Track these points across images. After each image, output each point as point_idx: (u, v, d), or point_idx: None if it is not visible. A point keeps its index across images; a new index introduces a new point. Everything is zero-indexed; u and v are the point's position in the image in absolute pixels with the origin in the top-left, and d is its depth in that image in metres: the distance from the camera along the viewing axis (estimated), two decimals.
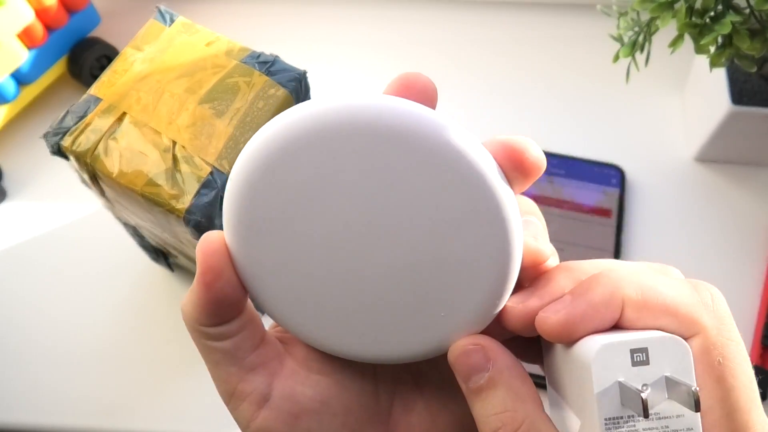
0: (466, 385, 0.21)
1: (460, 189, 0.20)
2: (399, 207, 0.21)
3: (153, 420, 0.44)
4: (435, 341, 0.23)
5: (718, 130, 0.48)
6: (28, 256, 0.50)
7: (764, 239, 0.49)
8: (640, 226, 0.50)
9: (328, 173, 0.21)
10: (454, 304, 0.22)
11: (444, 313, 0.22)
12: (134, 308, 0.48)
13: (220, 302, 0.22)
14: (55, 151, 0.34)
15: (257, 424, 0.23)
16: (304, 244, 0.22)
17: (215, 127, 0.34)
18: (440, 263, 0.22)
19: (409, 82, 0.22)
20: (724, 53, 0.38)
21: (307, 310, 0.23)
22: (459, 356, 0.22)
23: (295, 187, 0.21)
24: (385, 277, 0.22)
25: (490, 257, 0.21)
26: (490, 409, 0.21)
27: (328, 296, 0.22)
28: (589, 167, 0.51)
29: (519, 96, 0.57)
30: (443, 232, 0.21)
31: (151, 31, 0.37)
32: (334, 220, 0.21)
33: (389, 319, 0.23)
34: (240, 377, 0.23)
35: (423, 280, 0.22)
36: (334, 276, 0.22)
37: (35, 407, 0.45)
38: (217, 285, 0.22)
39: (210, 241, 0.22)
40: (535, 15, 0.61)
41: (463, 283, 0.22)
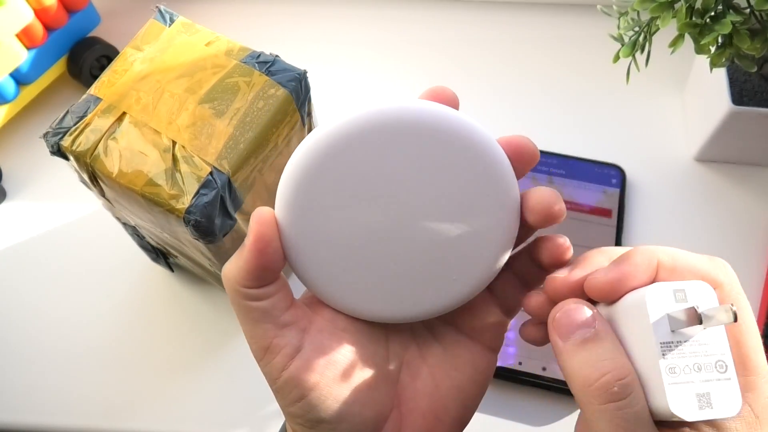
0: (569, 339, 0.24)
1: (481, 176, 0.26)
2: (429, 189, 0.26)
3: (153, 420, 0.44)
4: (447, 300, 0.28)
5: (718, 130, 0.48)
6: (28, 256, 0.50)
7: (764, 239, 0.49)
8: (640, 226, 0.50)
9: (373, 163, 0.25)
10: (465, 268, 0.27)
11: (455, 277, 0.27)
12: (134, 308, 0.48)
13: (265, 268, 0.26)
14: (55, 151, 0.34)
15: (289, 373, 0.26)
16: (345, 222, 0.26)
17: (215, 127, 0.34)
18: (458, 235, 0.26)
19: (438, 92, 0.28)
20: (725, 53, 0.38)
21: (340, 278, 0.27)
22: (566, 312, 0.24)
23: (344, 174, 0.25)
24: (411, 249, 0.27)
25: (499, 228, 0.27)
26: (599, 356, 0.23)
27: (360, 266, 0.27)
28: (589, 167, 0.51)
29: (519, 96, 0.57)
30: (463, 210, 0.26)
31: (151, 31, 0.37)
32: (372, 202, 0.26)
33: (411, 283, 0.27)
34: (275, 332, 0.26)
35: (442, 250, 0.27)
36: (368, 250, 0.26)
37: (35, 407, 0.45)
38: (267, 251, 0.25)
39: (263, 213, 0.26)
40: (535, 15, 0.61)
41: (474, 251, 0.27)
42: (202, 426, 0.44)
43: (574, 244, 0.47)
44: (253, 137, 0.34)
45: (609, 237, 0.48)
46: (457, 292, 0.27)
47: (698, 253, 0.26)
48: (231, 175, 0.33)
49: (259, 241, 0.25)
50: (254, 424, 0.44)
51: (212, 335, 0.47)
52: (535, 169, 0.51)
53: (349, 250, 0.26)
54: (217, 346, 0.46)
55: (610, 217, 0.49)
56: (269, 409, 0.44)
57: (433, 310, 0.28)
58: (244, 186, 0.34)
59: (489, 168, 0.26)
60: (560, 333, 0.24)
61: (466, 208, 0.26)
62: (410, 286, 0.27)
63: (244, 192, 0.35)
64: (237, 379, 0.45)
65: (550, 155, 0.52)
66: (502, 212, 0.26)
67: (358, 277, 0.27)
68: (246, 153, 0.33)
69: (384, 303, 0.27)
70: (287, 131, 0.36)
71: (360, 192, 0.26)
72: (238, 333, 0.47)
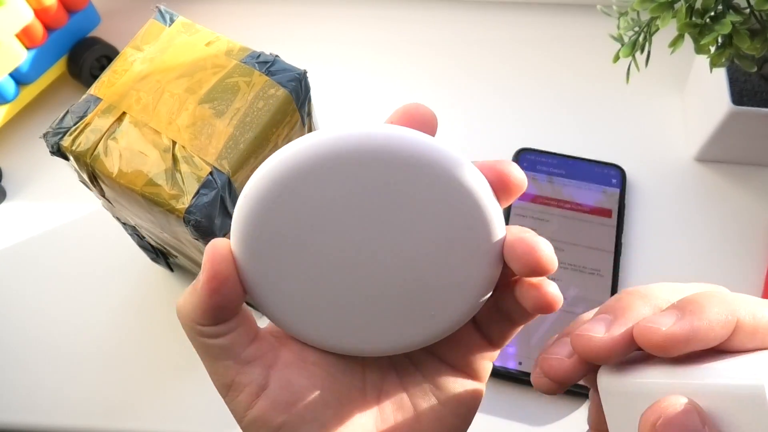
0: None
1: (457, 208, 0.23)
2: (399, 222, 0.24)
3: (153, 420, 0.44)
4: (424, 336, 0.26)
5: (718, 130, 0.48)
6: (28, 256, 0.50)
7: (764, 239, 0.49)
8: (640, 226, 0.50)
9: (335, 193, 0.23)
10: (444, 304, 0.25)
11: (433, 312, 0.25)
12: (134, 308, 0.48)
13: (221, 307, 0.23)
14: (55, 151, 0.34)
15: (254, 413, 0.24)
16: (309, 255, 0.24)
17: (215, 127, 0.34)
18: (434, 270, 0.24)
19: (411, 112, 0.24)
20: (724, 53, 0.38)
21: (308, 312, 0.25)
22: (674, 420, 0.19)
23: (304, 204, 0.23)
24: (383, 284, 0.25)
25: (479, 264, 0.24)
26: None
27: (329, 300, 0.25)
28: (589, 167, 0.51)
29: (519, 96, 0.57)
30: (439, 243, 0.24)
31: (151, 31, 0.37)
32: (338, 234, 0.24)
33: (385, 317, 0.25)
34: (237, 370, 0.24)
35: (418, 286, 0.25)
36: (337, 283, 0.24)
37: (35, 407, 0.45)
38: (222, 290, 0.23)
39: (217, 247, 0.23)
40: (535, 15, 0.61)
41: (453, 287, 0.25)
42: (202, 426, 0.44)
43: (574, 244, 0.48)
44: (253, 137, 0.34)
45: (609, 237, 0.48)
46: (434, 327, 0.26)
47: (699, 254, 0.24)
48: (231, 175, 0.33)
49: (213, 279, 0.23)
50: None
51: None
52: (536, 169, 0.51)
53: (315, 284, 0.24)
54: None
55: (610, 217, 0.49)
56: None
57: (409, 344, 0.26)
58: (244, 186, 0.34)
59: (467, 202, 0.23)
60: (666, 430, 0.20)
61: (442, 244, 0.24)
62: (384, 320, 0.25)
63: None
64: None
65: (550, 155, 0.52)
66: (483, 249, 0.24)
67: (327, 310, 0.25)
68: (246, 153, 0.33)
69: (356, 337, 0.26)
70: (287, 131, 0.36)
71: (322, 224, 0.24)
72: None
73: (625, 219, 0.50)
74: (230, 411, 0.25)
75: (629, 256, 0.48)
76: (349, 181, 0.23)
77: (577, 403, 0.43)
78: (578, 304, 0.46)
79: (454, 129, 0.55)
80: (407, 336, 0.26)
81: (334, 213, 0.23)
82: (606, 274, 0.47)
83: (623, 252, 0.48)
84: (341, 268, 0.24)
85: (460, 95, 0.57)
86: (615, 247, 0.48)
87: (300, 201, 0.23)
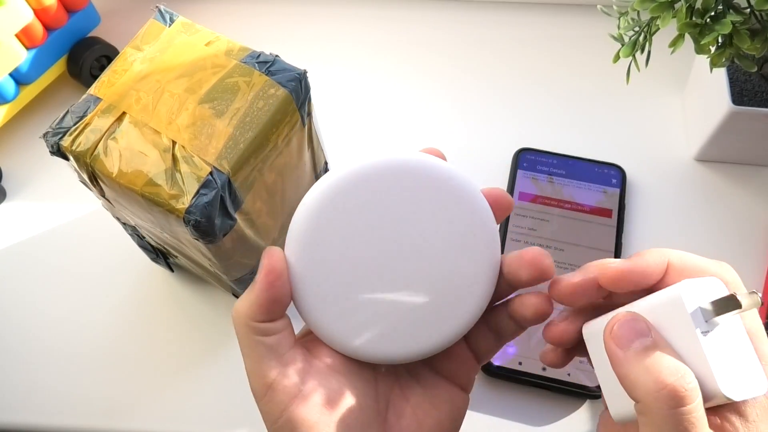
0: (629, 348, 0.25)
1: (467, 222, 0.29)
2: (420, 234, 0.29)
3: (153, 420, 0.44)
4: (438, 342, 0.30)
5: (719, 130, 0.48)
6: (28, 256, 0.50)
7: (764, 239, 0.49)
8: (640, 226, 0.50)
9: (369, 211, 0.28)
10: (455, 312, 0.29)
11: (447, 319, 0.29)
12: (134, 308, 0.48)
13: (276, 300, 0.28)
14: (55, 151, 0.34)
15: (290, 413, 0.27)
16: (346, 262, 0.28)
17: (215, 127, 0.34)
18: (447, 280, 0.29)
19: (431, 151, 0.30)
20: (725, 53, 0.38)
21: (340, 319, 0.29)
22: (624, 323, 0.26)
23: (347, 217, 0.28)
24: (406, 292, 0.29)
25: (484, 275, 0.29)
26: (666, 360, 0.24)
27: (358, 308, 0.29)
28: (589, 167, 0.51)
29: (519, 96, 0.57)
30: (452, 252, 0.29)
31: (151, 31, 0.37)
32: (371, 244, 0.28)
33: (406, 326, 0.29)
34: (279, 370, 0.27)
35: (435, 295, 0.29)
36: (365, 290, 0.29)
37: (35, 407, 0.45)
38: (277, 284, 0.27)
39: (274, 250, 0.28)
40: (535, 15, 0.61)
41: (462, 295, 0.29)
42: (202, 426, 0.44)
43: (574, 244, 0.48)
44: (253, 137, 0.34)
45: (609, 237, 0.48)
46: (447, 333, 0.29)
47: (699, 253, 0.28)
48: (231, 175, 0.33)
49: (270, 273, 0.27)
50: (254, 424, 0.44)
51: (212, 335, 0.47)
52: (536, 169, 0.51)
53: (348, 291, 0.29)
54: (217, 346, 0.46)
55: (610, 217, 0.49)
56: None
57: (425, 350, 0.30)
58: (244, 186, 0.34)
59: (477, 219, 0.29)
60: (619, 343, 0.25)
61: (454, 256, 0.29)
62: (406, 326, 0.29)
63: (244, 192, 0.35)
64: (237, 379, 0.45)
65: (550, 155, 0.52)
66: (488, 262, 0.29)
67: (356, 318, 0.29)
68: (246, 153, 0.33)
69: (382, 344, 0.29)
70: (287, 131, 0.36)
71: (361, 232, 0.28)
72: None
73: (625, 219, 0.50)
74: (263, 413, 0.28)
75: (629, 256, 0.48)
76: (382, 201, 0.28)
77: (577, 403, 0.43)
78: None
79: (455, 129, 0.55)
80: (424, 342, 0.30)
81: (367, 227, 0.28)
82: None
83: (623, 252, 0.48)
84: (371, 276, 0.29)
85: (460, 95, 0.57)
86: (615, 247, 0.48)
87: (346, 212, 0.28)
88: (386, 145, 0.55)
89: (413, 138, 0.55)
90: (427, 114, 0.56)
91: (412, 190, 0.29)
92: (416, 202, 0.29)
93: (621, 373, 0.25)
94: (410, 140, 0.55)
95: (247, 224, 0.36)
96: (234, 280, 0.41)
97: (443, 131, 0.55)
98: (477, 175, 0.52)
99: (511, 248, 0.48)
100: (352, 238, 0.28)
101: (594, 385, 0.43)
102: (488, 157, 0.53)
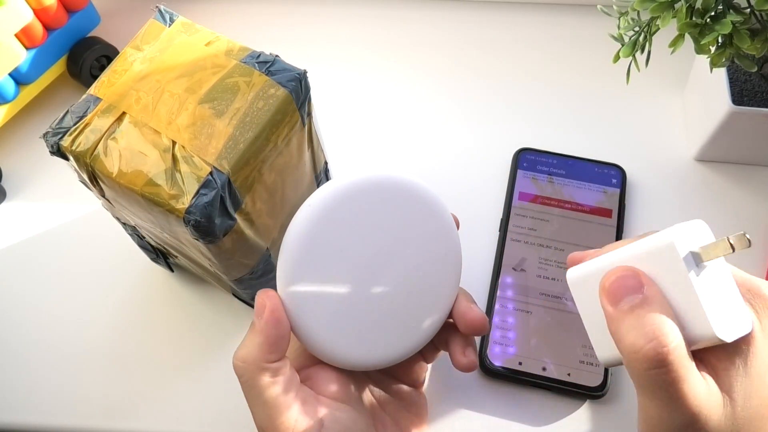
0: (619, 305, 0.26)
1: (440, 239, 0.33)
2: (398, 251, 0.32)
3: (153, 420, 0.44)
4: (412, 346, 0.34)
5: (719, 130, 0.48)
6: (28, 256, 0.50)
7: (764, 239, 0.49)
8: (640, 226, 0.50)
9: (351, 228, 0.31)
10: (425, 319, 0.34)
11: (414, 325, 0.33)
12: (134, 308, 0.48)
13: (283, 337, 0.30)
14: (55, 151, 0.34)
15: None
16: (334, 280, 0.31)
17: (215, 127, 0.34)
18: (420, 288, 0.33)
19: None
20: (725, 53, 0.38)
21: (331, 331, 0.31)
22: (617, 279, 0.26)
23: (331, 239, 0.31)
24: (386, 301, 0.32)
25: (449, 287, 0.34)
26: (649, 321, 0.24)
27: (347, 317, 0.32)
28: (589, 167, 0.51)
29: (519, 96, 0.57)
30: (425, 267, 0.33)
31: (151, 31, 0.37)
32: (355, 260, 0.31)
33: (385, 331, 0.33)
34: (300, 409, 0.29)
35: (410, 304, 0.33)
36: (353, 301, 0.32)
37: (35, 407, 0.45)
38: (282, 321, 0.30)
39: (269, 291, 0.31)
40: (535, 15, 0.61)
41: (431, 304, 0.34)
42: (202, 426, 0.44)
43: (574, 244, 0.48)
44: (253, 137, 0.34)
45: (609, 237, 0.48)
46: (418, 338, 0.34)
47: None
48: (231, 175, 0.33)
49: (275, 310, 0.30)
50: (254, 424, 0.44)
51: (212, 335, 0.47)
52: (536, 169, 0.51)
53: (338, 307, 0.31)
54: (217, 346, 0.46)
55: (610, 217, 0.49)
56: None
57: (403, 354, 0.34)
58: (244, 186, 0.34)
59: (449, 238, 0.34)
60: (610, 299, 0.26)
61: (427, 269, 0.33)
62: (388, 333, 0.33)
63: (243, 192, 0.35)
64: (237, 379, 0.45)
65: (550, 155, 0.52)
66: (452, 277, 0.34)
67: (347, 328, 0.32)
68: (246, 153, 0.33)
69: (369, 350, 0.33)
70: (287, 131, 0.36)
71: (343, 251, 0.31)
72: (238, 333, 0.47)
73: (626, 219, 0.50)
74: None
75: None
76: (363, 219, 0.31)
77: (577, 403, 0.43)
78: None
79: (455, 129, 0.55)
80: (402, 346, 0.33)
81: (351, 244, 0.31)
82: None
83: None
84: (357, 291, 0.31)
85: (460, 95, 0.57)
86: None
87: (324, 237, 0.31)
88: (386, 145, 0.55)
89: (413, 138, 0.55)
90: (427, 114, 0.56)
91: (388, 209, 0.32)
92: (392, 221, 0.32)
93: (611, 329, 0.26)
94: (410, 140, 0.55)
95: (247, 224, 0.36)
96: (234, 280, 0.41)
97: (443, 131, 0.55)
98: (477, 175, 0.52)
99: (511, 248, 0.48)
100: (337, 261, 0.31)
101: (594, 385, 0.43)
102: (488, 157, 0.53)
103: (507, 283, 0.46)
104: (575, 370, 0.43)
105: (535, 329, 0.45)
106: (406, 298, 0.33)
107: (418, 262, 0.33)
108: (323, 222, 0.31)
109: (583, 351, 0.44)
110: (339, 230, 0.31)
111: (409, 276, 0.33)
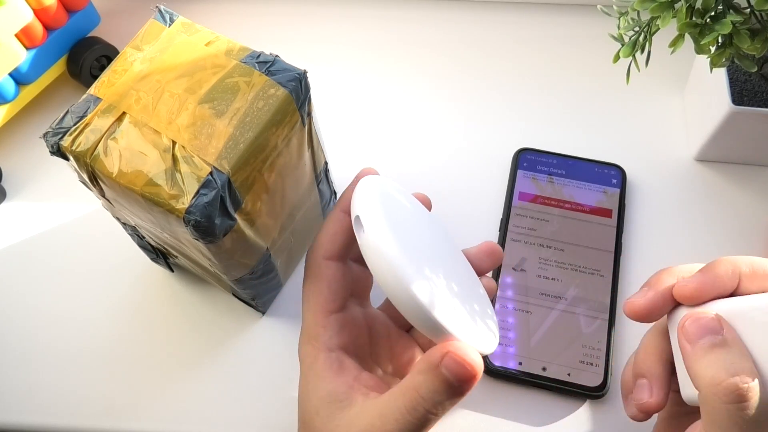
0: (697, 343, 0.27)
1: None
2: (439, 239, 0.36)
3: (153, 420, 0.44)
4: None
5: (719, 130, 0.48)
6: (28, 256, 0.50)
7: (764, 239, 0.49)
8: (640, 226, 0.50)
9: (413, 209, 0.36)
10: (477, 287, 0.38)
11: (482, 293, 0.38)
12: (134, 308, 0.48)
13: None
14: (55, 151, 0.34)
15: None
16: (408, 230, 0.33)
17: (215, 127, 0.34)
18: (463, 268, 0.37)
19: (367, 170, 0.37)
20: (725, 53, 0.38)
21: (410, 259, 0.32)
22: (696, 320, 0.28)
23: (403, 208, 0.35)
24: (444, 267, 0.35)
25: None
26: (727, 360, 0.26)
27: (420, 262, 0.33)
28: (589, 167, 0.51)
29: (519, 96, 0.57)
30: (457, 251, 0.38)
31: (151, 31, 0.37)
32: (420, 230, 0.35)
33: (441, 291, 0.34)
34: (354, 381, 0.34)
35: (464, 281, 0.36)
36: (423, 258, 0.33)
37: (35, 407, 0.45)
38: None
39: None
40: (535, 15, 0.61)
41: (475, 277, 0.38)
42: (202, 426, 0.44)
43: (575, 244, 0.48)
44: (253, 137, 0.34)
45: (609, 237, 0.48)
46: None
47: (699, 253, 0.29)
48: (231, 175, 0.33)
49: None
50: (254, 424, 0.44)
51: (212, 335, 0.47)
52: (536, 169, 0.51)
53: (412, 249, 0.33)
54: (217, 346, 0.46)
55: (610, 217, 0.49)
56: (270, 408, 0.44)
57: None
58: (244, 186, 0.34)
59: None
60: (689, 338, 0.27)
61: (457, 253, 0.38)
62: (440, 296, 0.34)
63: (243, 192, 0.34)
64: (237, 379, 0.45)
65: (550, 155, 0.52)
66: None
67: (418, 269, 0.33)
68: (246, 153, 0.33)
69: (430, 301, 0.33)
70: (287, 131, 0.36)
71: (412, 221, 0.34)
72: (238, 333, 0.47)
73: (626, 219, 0.50)
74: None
75: (629, 256, 0.48)
76: (404, 213, 0.35)
77: (577, 403, 0.43)
78: (578, 304, 0.46)
79: (455, 129, 0.55)
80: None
81: (414, 218, 0.35)
82: (606, 274, 0.47)
83: (623, 252, 0.48)
84: (424, 251, 0.33)
85: (460, 95, 0.57)
86: (615, 247, 0.48)
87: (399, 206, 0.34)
88: (386, 144, 0.54)
89: (413, 138, 0.55)
90: (427, 114, 0.56)
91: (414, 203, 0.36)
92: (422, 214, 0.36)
93: (687, 365, 0.27)
94: (410, 140, 0.55)
95: (247, 224, 0.36)
96: (234, 280, 0.41)
97: (443, 131, 0.55)
98: (477, 175, 0.52)
99: (510, 248, 0.48)
100: (408, 222, 0.34)
101: (594, 385, 0.43)
102: (488, 157, 0.53)
103: (507, 283, 0.47)
104: (575, 370, 0.43)
105: (535, 329, 0.45)
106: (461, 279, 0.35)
107: (450, 246, 0.37)
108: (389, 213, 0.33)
109: (583, 351, 0.44)
110: (407, 220, 0.33)
111: (456, 261, 0.36)
